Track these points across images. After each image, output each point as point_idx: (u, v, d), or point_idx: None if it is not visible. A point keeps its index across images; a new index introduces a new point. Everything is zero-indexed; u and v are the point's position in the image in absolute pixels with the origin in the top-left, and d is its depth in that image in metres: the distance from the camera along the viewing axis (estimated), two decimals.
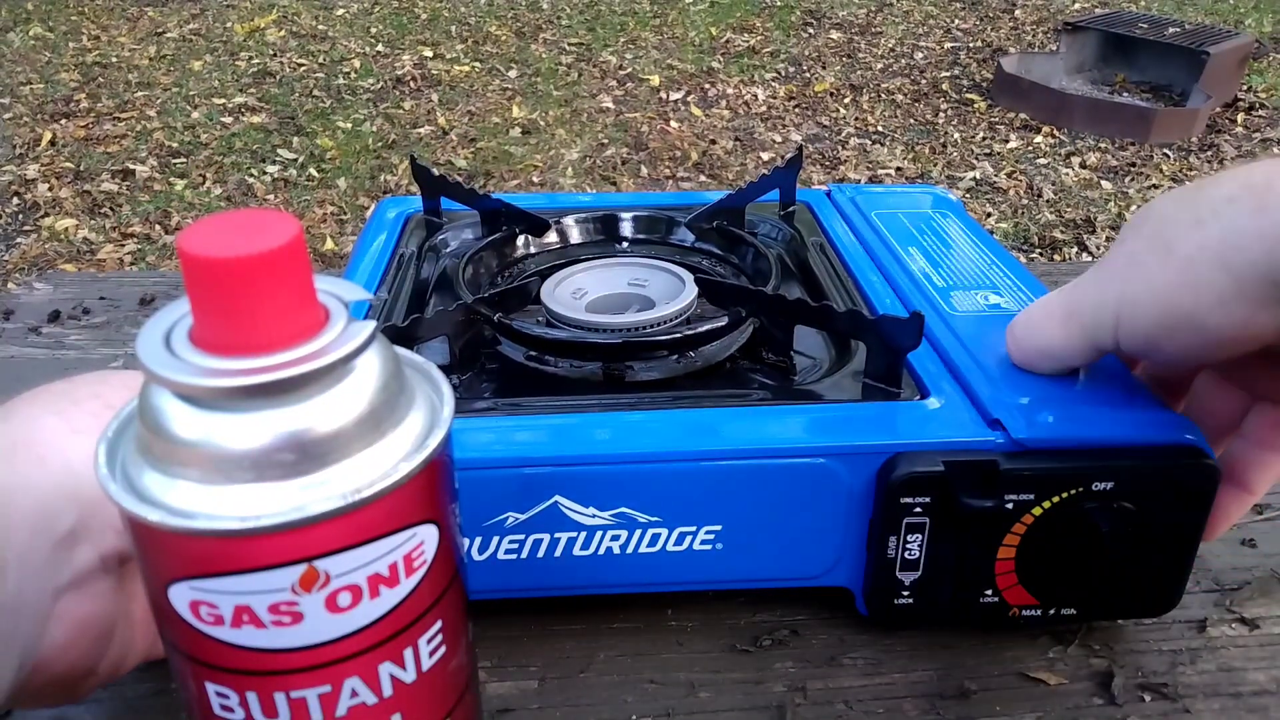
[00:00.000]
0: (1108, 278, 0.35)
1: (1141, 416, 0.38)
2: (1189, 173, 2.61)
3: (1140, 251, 0.34)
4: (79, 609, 0.29)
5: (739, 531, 0.38)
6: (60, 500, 0.28)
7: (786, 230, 0.59)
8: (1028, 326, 0.39)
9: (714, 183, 2.57)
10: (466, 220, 0.60)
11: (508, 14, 3.99)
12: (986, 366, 0.41)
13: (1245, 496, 0.38)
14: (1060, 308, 0.37)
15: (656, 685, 0.39)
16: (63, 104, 2.98)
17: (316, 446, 0.21)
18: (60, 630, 0.28)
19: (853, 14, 4.04)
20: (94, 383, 0.31)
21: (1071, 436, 0.37)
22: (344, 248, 2.19)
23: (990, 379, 0.40)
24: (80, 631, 0.29)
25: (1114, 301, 0.34)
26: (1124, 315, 0.34)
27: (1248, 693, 0.39)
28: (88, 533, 0.28)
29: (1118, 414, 0.38)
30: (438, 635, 0.25)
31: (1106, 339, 0.35)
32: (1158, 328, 0.33)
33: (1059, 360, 0.39)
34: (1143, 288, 0.33)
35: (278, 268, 0.21)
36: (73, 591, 0.28)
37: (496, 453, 0.37)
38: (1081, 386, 0.39)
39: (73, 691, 0.31)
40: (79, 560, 0.28)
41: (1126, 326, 0.34)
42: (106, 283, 0.74)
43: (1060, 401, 0.38)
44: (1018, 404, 0.38)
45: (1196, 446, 0.36)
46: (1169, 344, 0.33)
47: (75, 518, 0.28)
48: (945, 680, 0.40)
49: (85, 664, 0.30)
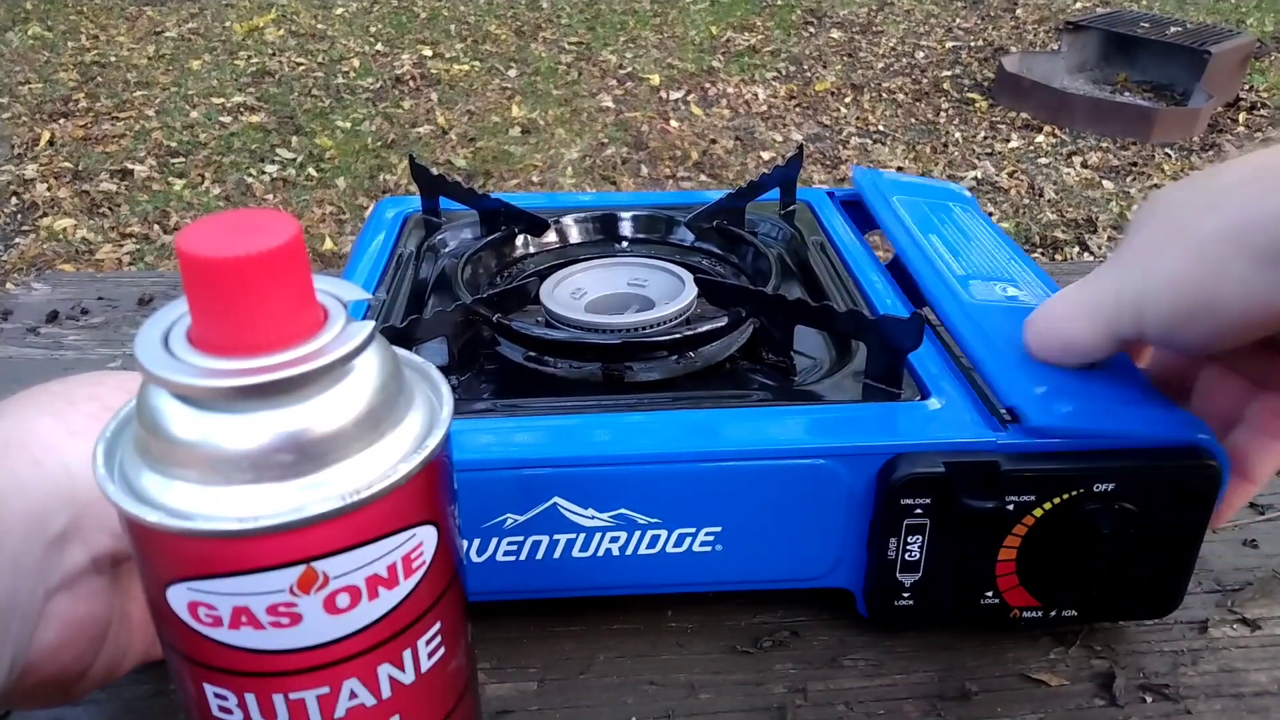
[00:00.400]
0: (1125, 268, 0.35)
1: (1145, 414, 0.38)
2: (1190, 172, 2.61)
3: (1155, 240, 0.34)
4: (71, 610, 0.28)
5: (739, 533, 0.38)
6: (54, 501, 0.27)
7: (787, 230, 0.59)
8: (1048, 320, 0.39)
9: (714, 182, 2.57)
10: (465, 220, 0.59)
11: (507, 13, 3.99)
12: (1004, 356, 0.41)
13: (1247, 486, 0.38)
14: (1079, 301, 0.37)
15: (656, 687, 0.39)
16: (61, 104, 2.98)
17: (315, 447, 0.21)
18: (52, 631, 0.28)
19: (854, 13, 4.04)
20: (91, 384, 0.31)
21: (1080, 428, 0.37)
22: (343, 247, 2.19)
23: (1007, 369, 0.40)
24: (73, 633, 0.29)
25: (1133, 291, 0.34)
26: (1145, 304, 0.34)
27: (1249, 694, 0.39)
28: (79, 534, 0.28)
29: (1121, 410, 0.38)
30: (437, 637, 0.25)
31: (1128, 329, 0.35)
32: (1178, 314, 0.33)
33: (1081, 354, 0.38)
34: (1161, 275, 0.33)
35: (276, 268, 0.21)
36: (64, 592, 0.28)
37: (495, 454, 0.37)
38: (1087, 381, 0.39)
39: (66, 693, 0.31)
40: (70, 561, 0.28)
41: (1149, 315, 0.34)
42: (105, 283, 0.74)
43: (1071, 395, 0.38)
44: (1034, 394, 0.38)
45: (1198, 446, 0.36)
46: (1189, 330, 0.33)
47: (68, 519, 0.28)
48: (946, 681, 0.40)
49: (78, 666, 0.30)
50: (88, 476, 0.22)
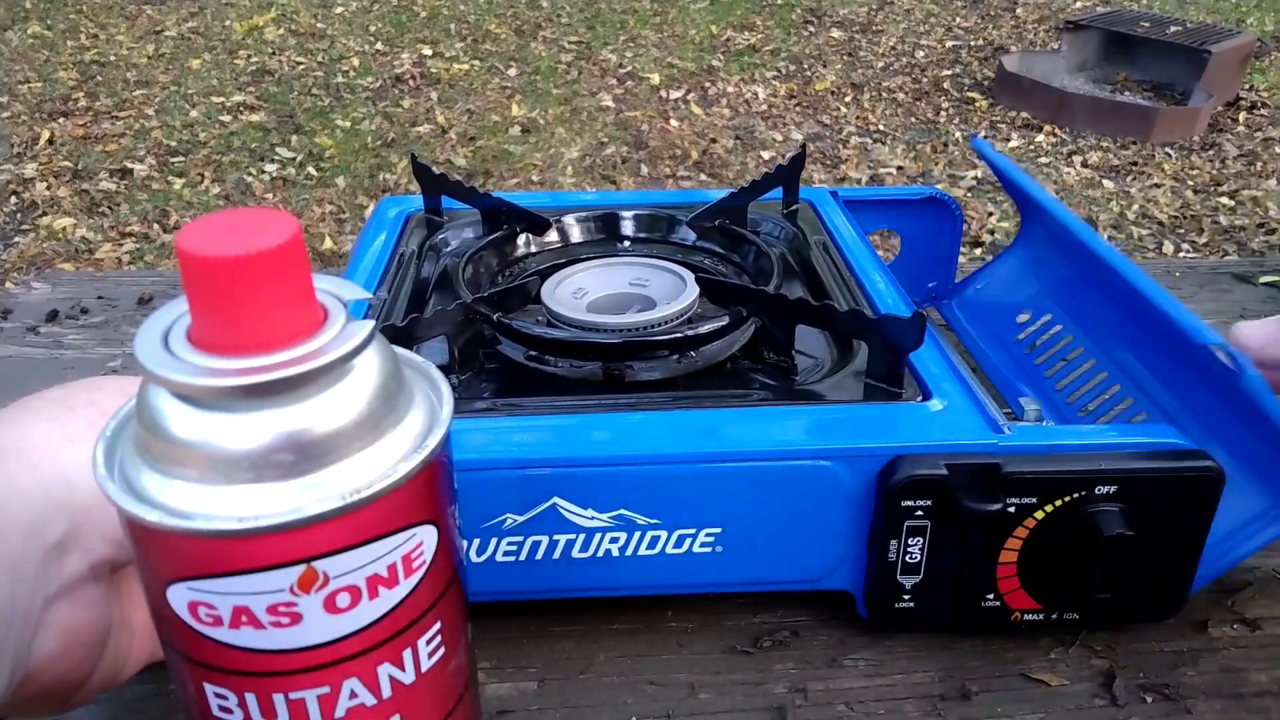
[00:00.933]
0: None
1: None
2: (1190, 172, 2.61)
3: None
4: (70, 618, 0.28)
5: (739, 534, 0.38)
6: (52, 508, 0.27)
7: (789, 229, 0.59)
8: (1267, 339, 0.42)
9: (714, 181, 2.57)
10: (467, 219, 0.59)
11: (507, 12, 3.99)
12: None
13: None
14: None
15: (656, 686, 0.39)
16: (61, 103, 2.98)
17: (315, 447, 0.21)
18: (51, 639, 0.28)
19: (854, 12, 4.03)
20: (89, 389, 0.31)
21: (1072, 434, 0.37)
22: (343, 247, 2.19)
23: None
24: (71, 640, 0.29)
25: None
26: None
27: (1249, 694, 0.39)
28: (77, 541, 0.28)
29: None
30: (437, 636, 0.25)
31: None
32: None
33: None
34: None
35: (276, 267, 0.21)
36: (63, 600, 0.28)
37: (495, 453, 0.37)
38: None
39: (65, 702, 0.31)
40: (69, 569, 0.28)
41: None
42: (104, 282, 0.74)
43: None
44: None
45: (1199, 449, 0.36)
46: None
47: (66, 526, 0.28)
48: (946, 681, 0.39)
49: (77, 675, 0.30)
50: (85, 484, 0.22)
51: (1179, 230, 2.31)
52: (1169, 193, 2.48)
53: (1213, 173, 2.58)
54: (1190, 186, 2.51)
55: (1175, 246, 2.23)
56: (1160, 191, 2.48)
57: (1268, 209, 2.37)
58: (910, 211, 0.64)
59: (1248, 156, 2.68)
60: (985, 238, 2.24)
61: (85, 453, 0.23)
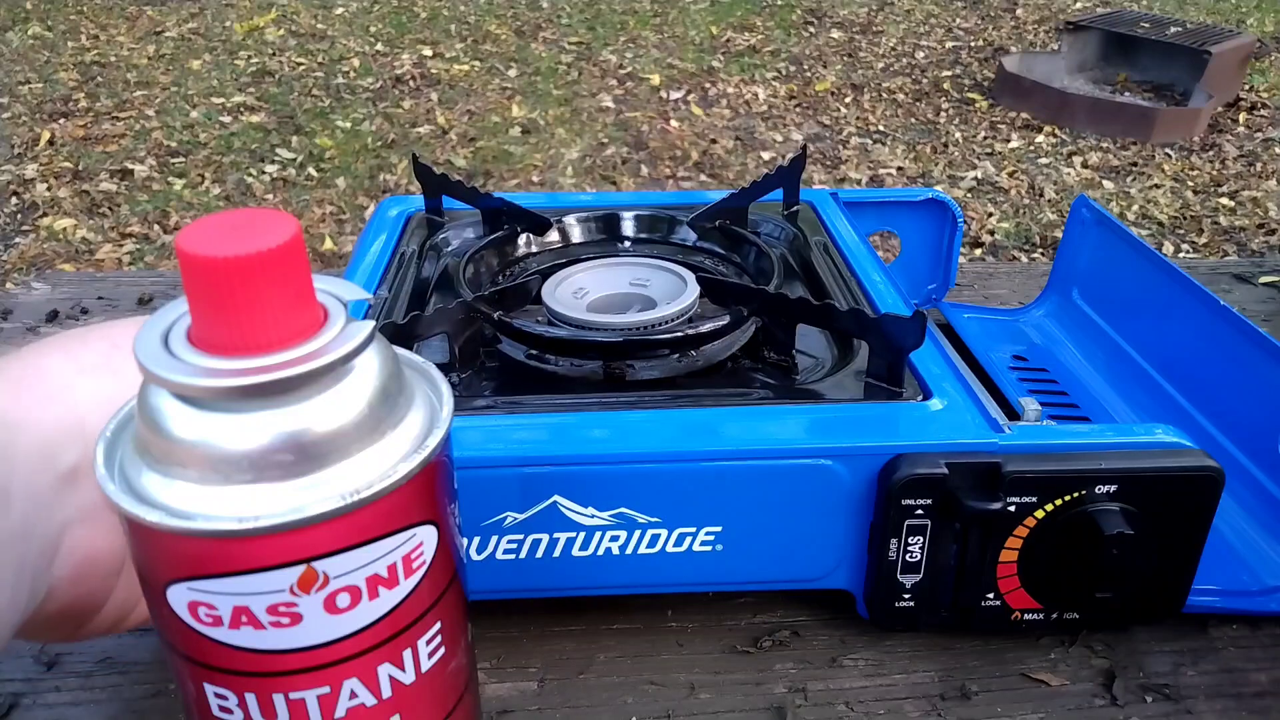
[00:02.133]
0: None
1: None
2: (1190, 172, 2.61)
3: None
4: (87, 543, 0.29)
5: (739, 533, 0.38)
6: (63, 436, 0.28)
7: (790, 230, 0.59)
8: None
9: (714, 182, 2.57)
10: (468, 219, 0.59)
11: (507, 13, 3.99)
12: None
13: None
14: None
15: (656, 686, 0.39)
16: (61, 103, 2.98)
17: (315, 447, 0.21)
18: (69, 564, 0.28)
19: (854, 13, 4.03)
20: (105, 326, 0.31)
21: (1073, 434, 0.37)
22: (343, 247, 2.19)
23: None
24: (88, 566, 0.29)
25: None
26: None
27: (1250, 693, 0.39)
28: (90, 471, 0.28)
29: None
30: (437, 636, 0.25)
31: None
32: None
33: None
34: None
35: (276, 267, 0.21)
36: (79, 526, 0.28)
37: (496, 452, 0.37)
38: None
39: (78, 629, 0.31)
40: (83, 496, 0.28)
41: None
42: (105, 282, 0.74)
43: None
44: None
45: (1200, 449, 0.36)
46: None
47: (78, 454, 0.28)
48: (947, 681, 0.39)
49: (92, 600, 0.30)
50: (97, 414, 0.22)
51: (1179, 231, 2.31)
52: (1169, 193, 2.48)
53: (1213, 173, 2.59)
54: (1190, 187, 2.51)
55: (1175, 247, 2.24)
56: (1160, 192, 2.48)
57: (1267, 209, 2.37)
58: (910, 213, 0.64)
59: (1248, 157, 2.68)
60: (985, 238, 2.24)
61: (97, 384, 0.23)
